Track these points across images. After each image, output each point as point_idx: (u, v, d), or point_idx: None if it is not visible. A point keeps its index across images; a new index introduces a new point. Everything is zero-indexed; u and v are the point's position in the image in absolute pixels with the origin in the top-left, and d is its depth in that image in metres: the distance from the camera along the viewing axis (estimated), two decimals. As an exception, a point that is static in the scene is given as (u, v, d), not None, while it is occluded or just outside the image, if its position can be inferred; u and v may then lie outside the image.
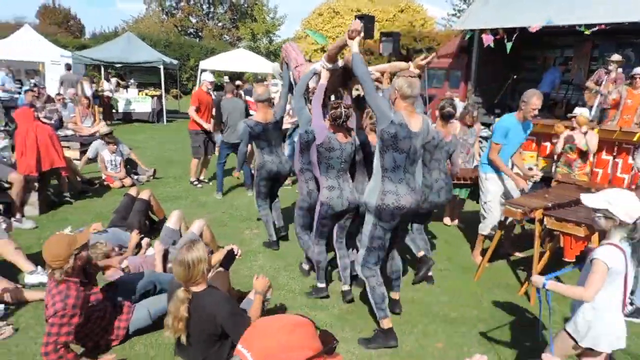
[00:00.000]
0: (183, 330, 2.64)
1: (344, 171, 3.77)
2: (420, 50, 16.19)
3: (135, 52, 15.92)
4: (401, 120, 3.05)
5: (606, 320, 2.37)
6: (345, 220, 3.93)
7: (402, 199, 3.17)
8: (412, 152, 3.15)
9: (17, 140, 5.75)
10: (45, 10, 40.84)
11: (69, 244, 2.74)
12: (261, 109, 4.94)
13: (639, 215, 2.27)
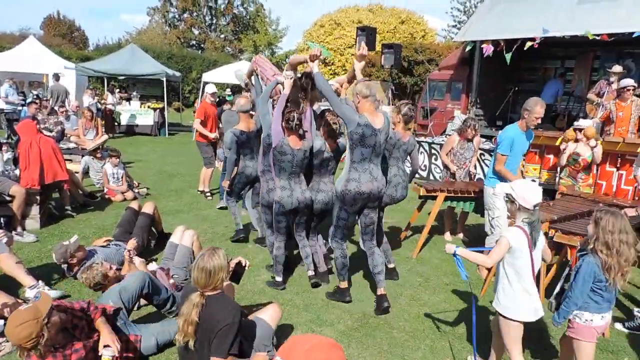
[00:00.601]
0: (192, 335, 2.59)
1: (296, 174, 4.19)
2: (421, 61, 16.26)
3: (139, 64, 16.01)
4: (366, 122, 3.63)
5: (516, 292, 2.75)
6: (300, 217, 4.37)
7: (362, 185, 3.73)
8: (377, 146, 3.75)
9: (21, 153, 5.74)
10: (50, 21, 41.21)
11: (35, 316, 2.43)
12: (244, 119, 5.32)
13: (536, 202, 2.67)
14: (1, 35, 36.25)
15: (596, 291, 2.66)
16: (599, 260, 2.62)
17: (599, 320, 2.70)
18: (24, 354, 2.48)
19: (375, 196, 3.86)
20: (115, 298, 3.30)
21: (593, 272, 2.62)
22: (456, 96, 13.37)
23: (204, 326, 2.61)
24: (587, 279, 2.63)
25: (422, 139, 10.58)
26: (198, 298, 2.63)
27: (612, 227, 2.59)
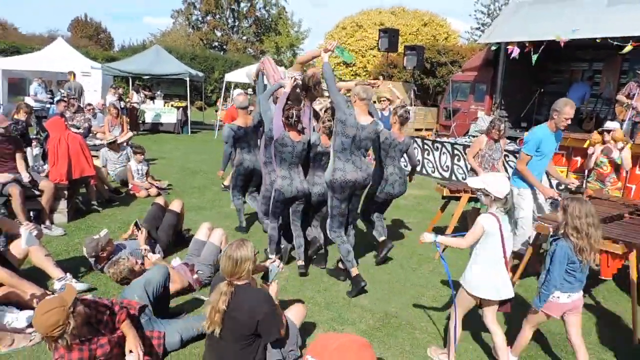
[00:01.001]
0: (219, 323, 2.63)
1: (296, 164, 4.53)
2: (444, 63, 16.11)
3: (162, 65, 16.25)
4: (351, 112, 4.09)
5: (487, 272, 3.03)
6: (297, 205, 4.69)
7: (348, 174, 4.14)
8: (356, 139, 4.13)
9: (50, 149, 5.88)
10: (77, 23, 42.25)
11: (61, 304, 2.50)
12: (242, 115, 5.64)
13: (506, 192, 3.00)
14: (31, 36, 37.30)
15: (570, 272, 2.91)
16: (571, 244, 2.87)
17: (565, 299, 2.95)
18: (51, 345, 2.52)
19: (360, 184, 4.31)
20: (140, 291, 3.34)
21: (566, 255, 2.88)
22: (480, 97, 13.22)
23: (232, 314, 2.63)
24: (562, 261, 2.88)
25: (444, 140, 10.48)
26: (226, 287, 2.67)
27: (579, 212, 2.85)
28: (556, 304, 2.97)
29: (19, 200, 5.14)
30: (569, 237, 2.88)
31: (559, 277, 2.89)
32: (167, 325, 3.30)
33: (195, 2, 39.07)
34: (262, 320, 2.67)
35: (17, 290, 3.58)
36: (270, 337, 2.76)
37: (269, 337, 2.75)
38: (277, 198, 4.54)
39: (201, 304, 3.93)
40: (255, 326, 2.67)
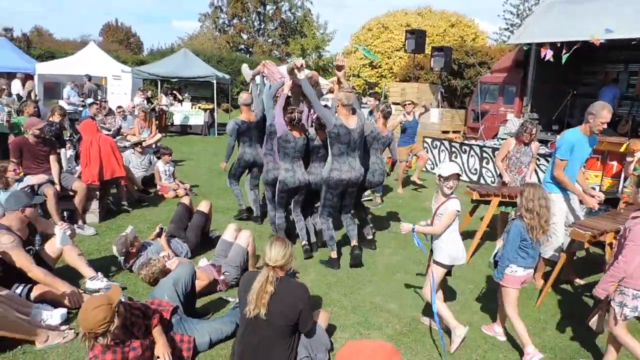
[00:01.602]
0: (265, 306, 2.70)
1: (297, 158, 4.97)
2: (472, 64, 15.84)
3: (190, 68, 16.51)
4: (341, 123, 4.53)
5: (449, 243, 3.49)
6: (299, 196, 5.14)
7: (343, 174, 4.67)
8: (351, 142, 4.64)
9: (82, 151, 6.03)
10: (109, 28, 43.36)
11: (108, 302, 2.56)
12: (245, 111, 5.99)
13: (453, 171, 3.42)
14: (64, 41, 38.46)
15: (523, 248, 3.29)
16: (524, 223, 3.24)
17: (522, 272, 3.34)
18: (90, 342, 2.56)
19: (353, 182, 4.80)
20: (170, 291, 3.38)
21: (520, 232, 3.26)
22: (509, 99, 12.95)
23: (277, 299, 2.72)
24: (515, 238, 3.27)
25: (472, 142, 10.29)
26: (272, 272, 2.76)
27: (532, 195, 3.23)
28: (514, 277, 3.35)
29: (54, 201, 5.28)
30: (522, 218, 3.27)
31: (512, 251, 3.29)
32: (197, 325, 3.34)
33: (222, 6, 39.58)
34: (303, 309, 2.80)
35: (51, 288, 3.68)
36: (306, 327, 2.89)
37: (306, 326, 2.89)
38: (281, 189, 4.99)
39: (226, 304, 3.96)
40: (297, 315, 2.78)
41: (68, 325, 3.47)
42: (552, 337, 3.75)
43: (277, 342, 2.79)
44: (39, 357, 3.11)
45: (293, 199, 5.17)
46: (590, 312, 4.10)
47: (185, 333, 3.21)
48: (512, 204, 5.21)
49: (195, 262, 4.53)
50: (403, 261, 5.19)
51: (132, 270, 4.37)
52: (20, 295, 3.61)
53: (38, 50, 22.37)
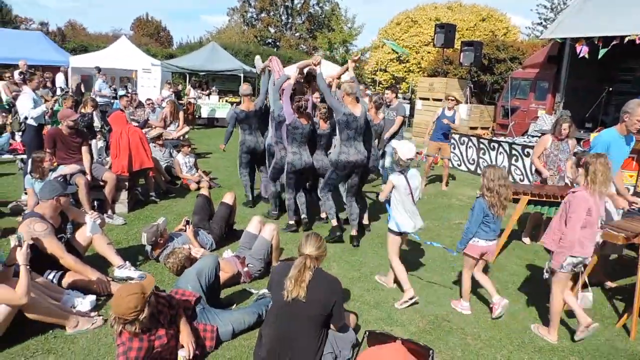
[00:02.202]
0: (304, 289, 2.74)
1: (304, 143, 5.47)
2: (503, 59, 15.48)
3: (218, 61, 16.69)
4: (349, 111, 4.97)
5: (398, 212, 4.00)
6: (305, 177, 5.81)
7: (350, 157, 5.12)
8: (358, 128, 5.09)
9: (112, 143, 6.18)
10: (139, 23, 44.15)
11: (142, 291, 2.62)
12: (246, 101, 6.38)
13: (408, 157, 3.93)
14: (97, 35, 39.42)
15: (485, 223, 3.71)
16: (486, 201, 3.65)
17: (483, 243, 3.75)
18: (120, 326, 2.63)
19: (359, 165, 5.24)
20: (193, 281, 3.43)
21: (482, 209, 3.68)
22: (541, 96, 12.63)
23: (313, 286, 2.75)
24: (478, 214, 3.70)
25: (501, 139, 10.08)
26: (310, 261, 2.80)
27: (492, 176, 3.62)
28: (475, 246, 3.77)
29: (85, 190, 5.43)
30: (484, 196, 3.67)
31: (475, 226, 3.73)
32: (220, 315, 3.38)
33: (250, 0, 39.80)
34: (337, 302, 2.84)
35: (81, 275, 3.78)
36: (340, 322, 2.93)
37: (340, 321, 2.92)
38: (289, 170, 5.48)
39: (250, 296, 3.99)
40: (331, 307, 2.80)
41: (97, 311, 3.57)
42: (581, 340, 3.65)
43: (308, 331, 2.80)
44: (69, 341, 3.20)
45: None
46: (620, 315, 4.00)
47: (209, 323, 3.25)
48: (543, 203, 5.08)
49: (219, 254, 4.60)
50: (427, 258, 5.13)
51: (158, 260, 4.46)
52: (52, 281, 3.73)
53: (72, 44, 23.01)
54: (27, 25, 35.75)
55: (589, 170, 3.37)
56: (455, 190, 8.65)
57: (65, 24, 42.10)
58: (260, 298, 3.79)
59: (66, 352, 3.10)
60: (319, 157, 5.66)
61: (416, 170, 4.15)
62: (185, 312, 3.12)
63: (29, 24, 36.26)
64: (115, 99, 12.33)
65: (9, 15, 31.86)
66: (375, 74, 24.21)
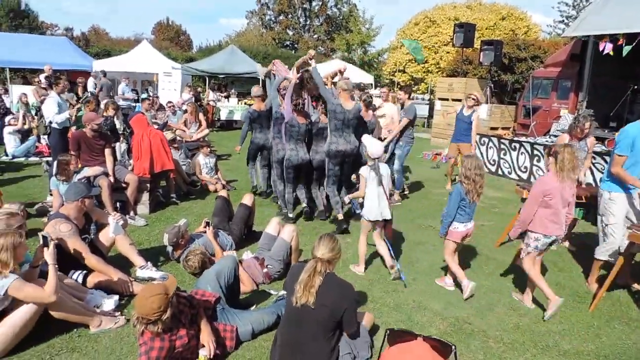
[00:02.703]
0: (314, 295, 2.70)
1: (301, 140, 5.90)
2: (524, 58, 15.24)
3: (237, 64, 16.82)
4: (339, 102, 5.50)
5: (369, 201, 4.42)
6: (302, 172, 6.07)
7: (340, 146, 5.63)
8: (345, 120, 5.56)
9: (134, 145, 6.28)
10: (160, 27, 44.85)
11: (165, 291, 2.67)
12: (257, 102, 7.00)
13: (375, 156, 4.42)
14: (119, 40, 40.16)
15: (462, 207, 4.06)
16: (463, 188, 3.99)
17: (462, 227, 4.12)
18: (142, 326, 2.67)
19: (349, 154, 5.73)
20: (213, 282, 3.46)
21: (459, 194, 4.02)
22: (564, 95, 12.39)
23: (323, 291, 2.72)
24: (455, 199, 4.03)
25: (523, 139, 9.92)
26: (320, 264, 2.77)
27: (470, 165, 3.97)
28: (455, 232, 4.13)
29: (108, 192, 5.53)
30: (462, 183, 4.00)
31: (453, 210, 4.06)
32: (240, 315, 3.40)
33: (268, 3, 40.05)
34: (348, 309, 2.78)
35: (105, 275, 3.85)
36: (351, 328, 2.88)
37: (351, 328, 2.88)
38: (287, 165, 5.88)
39: (269, 297, 4.01)
40: (341, 313, 2.76)
41: (120, 311, 3.63)
42: (607, 344, 3.56)
43: (320, 335, 2.78)
44: (93, 340, 3.26)
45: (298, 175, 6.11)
46: (649, 320, 3.89)
47: (228, 323, 3.28)
48: (571, 204, 4.98)
49: (239, 255, 4.63)
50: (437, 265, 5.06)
51: (179, 261, 4.51)
52: (77, 281, 3.80)
53: (95, 49, 23.51)
54: (53, 31, 36.67)
55: (557, 159, 3.73)
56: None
57: (89, 29, 43.08)
58: (279, 299, 3.80)
59: (90, 351, 3.15)
60: (322, 149, 5.95)
61: (386, 165, 4.70)
62: (206, 312, 3.15)
63: (54, 29, 37.20)
64: (137, 102, 12.53)
65: (35, 21, 32.73)
66: (394, 74, 24.09)
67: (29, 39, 18.64)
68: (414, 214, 6.78)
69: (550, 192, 3.74)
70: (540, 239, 3.87)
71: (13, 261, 3.02)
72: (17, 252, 3.05)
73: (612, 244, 4.25)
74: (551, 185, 3.74)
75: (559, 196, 3.76)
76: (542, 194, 3.77)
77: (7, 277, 2.98)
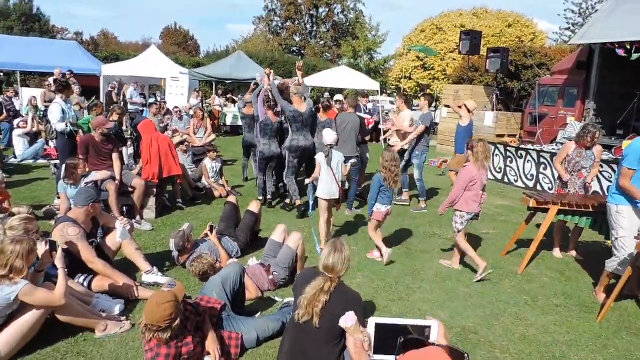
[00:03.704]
0: (318, 314, 2.65)
1: (273, 137, 6.90)
2: (530, 66, 15.21)
3: (244, 70, 16.89)
4: (294, 109, 6.47)
5: (322, 183, 5.28)
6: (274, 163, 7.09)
7: (300, 142, 6.58)
8: (304, 121, 6.54)
9: (142, 150, 6.31)
10: (168, 32, 45.16)
11: (175, 299, 2.68)
12: (248, 107, 7.89)
13: (328, 143, 5.37)
14: (127, 44, 40.50)
15: (382, 192, 4.96)
16: (382, 176, 4.89)
17: (383, 208, 5.02)
18: (151, 333, 2.67)
19: (309, 149, 6.68)
20: (219, 289, 3.46)
21: (379, 181, 4.91)
22: (570, 102, 12.35)
23: (329, 310, 2.66)
24: (376, 186, 4.95)
25: (529, 147, 9.88)
26: (329, 284, 2.69)
27: (387, 158, 4.87)
28: (379, 212, 5.01)
29: (115, 196, 5.56)
30: (381, 172, 4.91)
31: (375, 194, 4.97)
32: (245, 323, 3.39)
33: (275, 9, 40.26)
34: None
35: (110, 280, 3.86)
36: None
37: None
38: (261, 157, 6.93)
39: (274, 304, 4.00)
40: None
41: (125, 316, 3.64)
42: (616, 355, 3.53)
43: (326, 342, 2.76)
44: (98, 344, 3.27)
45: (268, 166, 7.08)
46: (658, 332, 3.85)
47: (234, 330, 3.27)
48: (572, 213, 4.96)
49: (244, 261, 4.63)
50: (453, 270, 5.05)
51: (184, 267, 4.52)
52: (83, 284, 3.82)
53: (104, 53, 23.67)
54: (63, 35, 37.03)
55: (474, 151, 4.70)
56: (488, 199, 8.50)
57: (98, 34, 43.45)
58: (284, 306, 3.79)
59: (95, 355, 3.16)
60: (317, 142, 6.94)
61: (340, 153, 5.56)
62: (211, 319, 3.15)
63: (64, 33, 37.56)
64: (145, 107, 12.61)
65: (47, 25, 33.09)
66: (400, 81, 24.11)
67: (39, 43, 18.83)
68: (418, 222, 6.76)
69: (474, 178, 4.67)
70: (464, 215, 4.79)
71: (27, 268, 3.04)
72: (30, 259, 3.07)
73: (622, 256, 4.19)
74: (474, 173, 4.68)
75: (479, 181, 4.70)
76: (469, 180, 4.67)
77: (18, 283, 3.00)
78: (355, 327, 2.52)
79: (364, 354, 2.57)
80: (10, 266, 2.97)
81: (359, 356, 2.50)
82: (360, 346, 2.52)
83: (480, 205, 4.85)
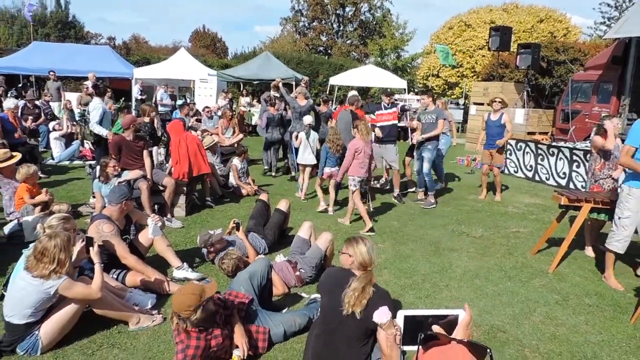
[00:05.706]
0: (363, 305, 2.68)
1: (275, 126, 9.20)
2: (563, 61, 14.81)
3: (271, 70, 17.06)
4: (298, 104, 8.37)
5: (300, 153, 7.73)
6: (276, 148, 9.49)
7: (298, 128, 8.14)
8: (302, 113, 8.19)
9: (172, 150, 6.47)
10: (197, 34, 45.90)
11: (200, 294, 2.78)
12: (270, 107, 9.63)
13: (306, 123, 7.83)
14: (158, 48, 41.36)
15: (328, 158, 6.74)
16: (328, 146, 6.69)
17: (327, 170, 6.76)
18: (174, 320, 2.79)
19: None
20: (246, 284, 3.53)
21: (326, 149, 6.72)
22: (605, 98, 11.98)
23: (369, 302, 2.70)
24: (325, 152, 6.73)
25: (561, 144, 9.64)
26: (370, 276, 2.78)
27: (331, 132, 6.88)
28: (325, 172, 6.74)
29: (147, 194, 5.72)
30: (327, 143, 6.67)
31: (326, 160, 6.73)
32: (272, 317, 3.45)
33: (302, 10, 40.43)
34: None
35: (143, 275, 3.99)
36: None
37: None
38: (265, 141, 9.36)
39: (301, 300, 4.05)
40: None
41: (157, 309, 3.75)
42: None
43: (355, 341, 2.77)
44: (132, 337, 3.39)
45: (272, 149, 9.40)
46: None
47: (261, 324, 3.33)
48: (606, 211, 4.82)
49: (272, 258, 4.70)
50: (482, 267, 4.99)
51: (214, 263, 4.62)
52: (117, 279, 3.96)
53: (135, 57, 24.29)
54: (97, 40, 38.13)
55: (358, 128, 6.06)
56: (512, 198, 8.36)
57: (130, 38, 44.59)
58: (311, 302, 3.84)
59: (129, 347, 3.27)
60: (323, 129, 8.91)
61: (315, 133, 7.77)
62: (239, 313, 3.22)
63: (98, 39, 38.68)
64: (175, 109, 12.87)
65: (81, 31, 34.19)
66: (427, 79, 23.86)
67: (74, 49, 19.51)
68: (447, 220, 6.70)
69: (359, 149, 6.00)
70: (356, 179, 6.06)
71: (68, 259, 3.18)
72: (69, 249, 3.21)
73: (620, 235, 4.31)
74: (359, 145, 6.01)
75: (363, 152, 6.03)
76: (355, 150, 6.00)
77: (61, 277, 3.13)
78: (390, 322, 2.54)
79: (395, 348, 2.58)
80: (57, 260, 3.11)
81: (390, 349, 2.52)
82: (392, 340, 2.53)
83: (366, 171, 6.16)
